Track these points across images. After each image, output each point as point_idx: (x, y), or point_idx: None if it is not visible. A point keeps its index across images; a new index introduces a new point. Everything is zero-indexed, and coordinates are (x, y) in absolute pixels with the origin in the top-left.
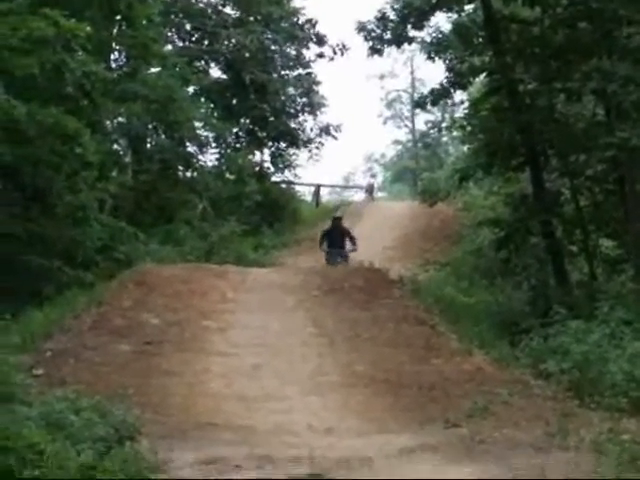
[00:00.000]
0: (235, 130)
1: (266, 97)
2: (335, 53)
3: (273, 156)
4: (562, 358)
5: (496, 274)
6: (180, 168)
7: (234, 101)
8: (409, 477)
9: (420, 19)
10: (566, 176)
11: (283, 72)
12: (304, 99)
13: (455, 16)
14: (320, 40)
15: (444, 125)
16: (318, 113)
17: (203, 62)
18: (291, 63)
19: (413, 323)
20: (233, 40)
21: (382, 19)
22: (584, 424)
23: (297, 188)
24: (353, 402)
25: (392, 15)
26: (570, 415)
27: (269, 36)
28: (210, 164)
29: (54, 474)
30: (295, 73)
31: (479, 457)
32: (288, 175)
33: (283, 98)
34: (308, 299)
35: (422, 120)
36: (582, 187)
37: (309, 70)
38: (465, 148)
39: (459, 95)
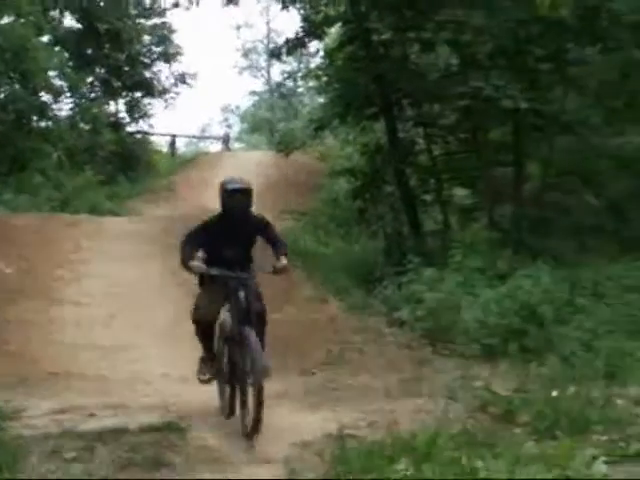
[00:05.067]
0: (90, 80)
1: (121, 46)
2: (191, 2)
3: (128, 106)
4: (416, 306)
5: (352, 224)
6: (34, 118)
7: (89, 50)
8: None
9: None
10: (420, 126)
11: (138, 21)
12: (159, 48)
13: None
14: None
15: (300, 75)
16: (173, 62)
17: (58, 11)
18: (146, 12)
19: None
20: None
21: None
22: (437, 371)
23: (153, 138)
24: None
25: None
26: (424, 362)
27: None
28: (65, 114)
29: None
30: (151, 22)
31: (333, 404)
32: (143, 125)
33: (138, 47)
34: (165, 248)
35: (278, 71)
36: (436, 136)
37: (164, 19)
38: (321, 98)
39: (315, 45)
